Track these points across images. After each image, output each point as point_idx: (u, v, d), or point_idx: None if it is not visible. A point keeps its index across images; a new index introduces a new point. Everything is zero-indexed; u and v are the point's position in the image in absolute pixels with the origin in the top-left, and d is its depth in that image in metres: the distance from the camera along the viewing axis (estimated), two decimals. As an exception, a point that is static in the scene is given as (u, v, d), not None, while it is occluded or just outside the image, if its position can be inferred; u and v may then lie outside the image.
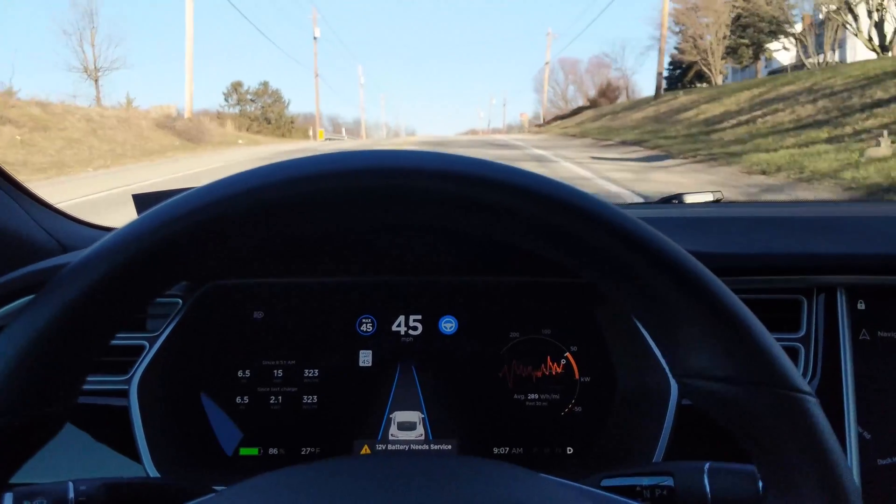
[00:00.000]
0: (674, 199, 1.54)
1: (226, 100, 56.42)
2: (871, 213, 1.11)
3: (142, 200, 1.10)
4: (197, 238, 0.44)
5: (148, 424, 0.82)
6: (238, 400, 0.90)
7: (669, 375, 0.81)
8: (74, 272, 0.43)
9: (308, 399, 0.91)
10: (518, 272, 0.91)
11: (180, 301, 0.87)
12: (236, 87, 56.35)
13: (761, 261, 0.87)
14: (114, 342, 0.47)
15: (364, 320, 0.92)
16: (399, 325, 0.92)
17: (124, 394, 0.82)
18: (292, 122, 57.91)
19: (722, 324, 0.43)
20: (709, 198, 1.53)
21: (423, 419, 0.89)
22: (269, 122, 54.64)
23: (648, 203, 1.59)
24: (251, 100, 56.53)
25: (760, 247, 0.90)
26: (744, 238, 0.95)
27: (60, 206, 1.15)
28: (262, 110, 55.78)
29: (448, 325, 0.92)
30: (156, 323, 0.87)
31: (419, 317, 0.92)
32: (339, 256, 0.90)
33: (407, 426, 0.89)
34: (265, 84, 57.35)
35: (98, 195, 9.83)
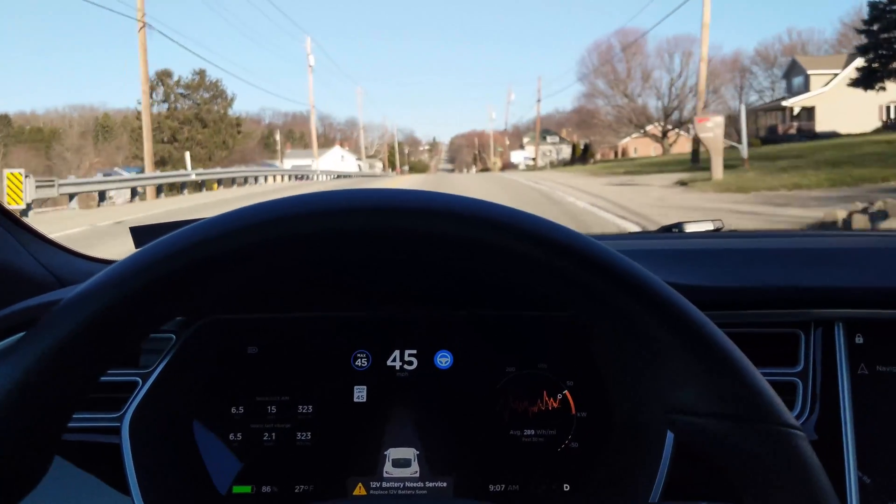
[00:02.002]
0: (674, 228, 1.54)
1: (150, 95, 43.06)
2: (868, 245, 1.11)
3: (139, 232, 1.10)
4: (190, 276, 0.43)
5: (140, 462, 0.81)
6: (231, 436, 0.90)
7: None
8: (64, 311, 0.43)
9: (302, 435, 0.90)
10: (514, 306, 0.90)
11: (174, 336, 0.87)
12: (163, 77, 42.93)
13: (758, 294, 0.87)
14: (106, 378, 0.48)
15: (359, 355, 0.92)
16: (394, 360, 0.92)
17: (116, 431, 0.82)
18: (238, 126, 44.55)
19: (706, 358, 0.43)
20: (709, 226, 1.53)
21: (418, 455, 0.88)
22: (206, 126, 41.58)
23: (648, 233, 1.59)
24: (183, 94, 43.34)
25: (757, 280, 0.89)
26: (741, 271, 0.95)
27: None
28: (196, 108, 42.77)
29: (443, 359, 0.92)
30: (149, 359, 0.86)
31: (414, 351, 0.92)
32: (333, 291, 0.90)
33: (402, 463, 0.88)
34: (201, 73, 43.56)
35: None
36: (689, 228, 1.53)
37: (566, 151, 78.36)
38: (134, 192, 19.53)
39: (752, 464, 0.42)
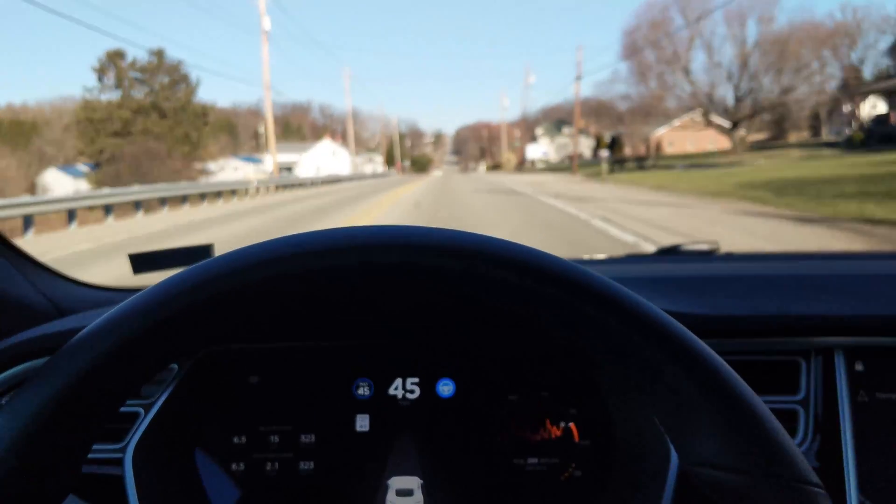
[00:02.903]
0: (670, 251, 1.55)
1: (99, 79, 35.91)
2: (868, 272, 1.12)
3: (138, 260, 1.10)
4: (206, 310, 0.44)
5: (143, 493, 0.80)
6: (234, 466, 0.89)
7: (671, 444, 0.80)
8: (87, 341, 0.44)
9: (304, 465, 0.89)
10: (516, 335, 0.91)
11: (176, 366, 0.87)
12: (114, 58, 35.61)
13: (758, 322, 0.87)
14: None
15: (361, 384, 0.91)
16: (396, 389, 0.92)
17: (118, 462, 0.81)
18: (205, 116, 36.94)
19: (731, 413, 0.43)
20: (704, 248, 1.54)
21: (422, 485, 0.88)
22: (164, 116, 34.54)
23: (645, 256, 1.60)
24: (138, 79, 36.00)
25: (757, 308, 0.90)
26: (739, 298, 0.95)
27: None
28: (153, 95, 35.92)
29: (446, 387, 0.92)
30: (151, 389, 0.86)
31: (416, 380, 0.92)
32: (334, 320, 0.90)
33: (404, 493, 0.87)
34: (159, 54, 36.45)
35: None
36: (686, 249, 1.54)
37: (585, 144, 67.08)
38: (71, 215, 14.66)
39: None
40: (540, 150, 76.11)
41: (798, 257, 1.41)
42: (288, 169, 76.00)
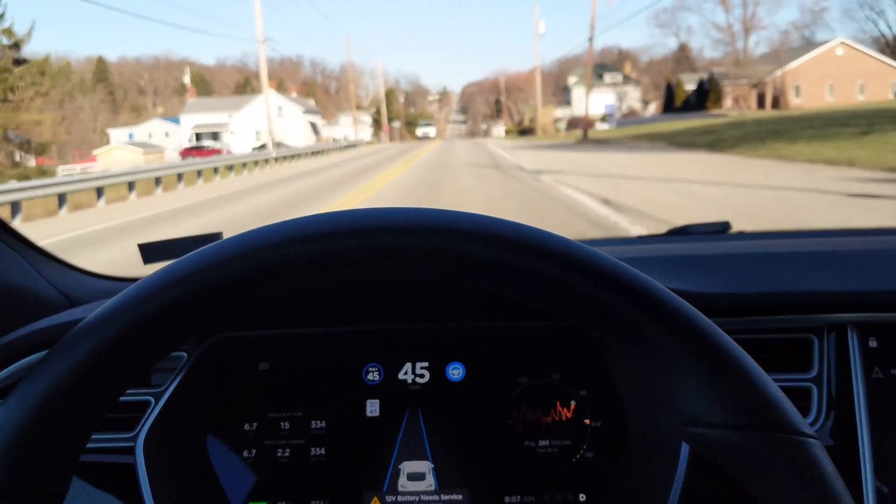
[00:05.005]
0: (680, 231, 1.54)
1: None
2: (880, 247, 1.10)
3: (147, 250, 1.10)
4: (206, 297, 0.44)
5: (154, 481, 0.81)
6: (245, 453, 0.90)
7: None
8: (86, 331, 0.44)
9: (315, 451, 0.90)
10: (525, 317, 0.90)
11: (185, 355, 0.87)
12: None
13: (770, 300, 0.86)
14: (120, 398, 0.48)
15: (370, 369, 0.91)
16: (406, 373, 0.91)
17: (130, 451, 0.82)
18: (16, 48, 21.37)
19: (718, 369, 0.43)
20: (716, 228, 1.52)
21: (432, 469, 0.88)
22: None
23: (656, 236, 1.59)
24: None
25: (768, 286, 0.89)
26: (752, 276, 0.95)
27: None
28: None
29: (455, 371, 0.91)
30: (161, 377, 0.86)
31: (426, 364, 0.92)
32: (343, 306, 0.90)
33: (416, 476, 0.88)
34: None
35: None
36: (697, 230, 1.52)
37: (633, 96, 53.05)
38: None
39: (768, 474, 0.42)
40: (602, 101, 49.00)
41: (810, 234, 1.39)
42: (213, 135, 61.25)
